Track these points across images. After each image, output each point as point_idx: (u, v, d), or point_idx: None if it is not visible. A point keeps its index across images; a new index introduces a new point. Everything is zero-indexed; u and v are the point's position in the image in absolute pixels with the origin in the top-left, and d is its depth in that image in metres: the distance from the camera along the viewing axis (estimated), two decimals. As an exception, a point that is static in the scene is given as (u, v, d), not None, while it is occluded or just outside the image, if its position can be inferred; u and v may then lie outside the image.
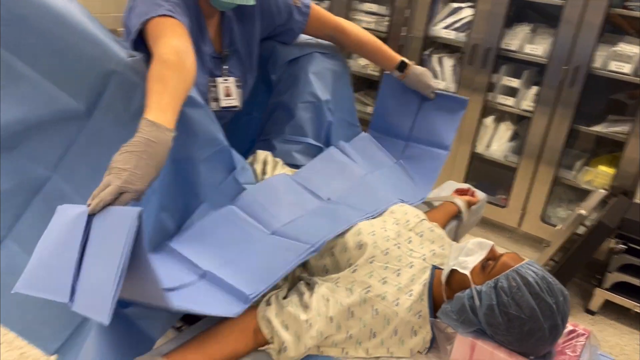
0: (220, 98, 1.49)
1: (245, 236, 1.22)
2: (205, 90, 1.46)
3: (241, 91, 1.55)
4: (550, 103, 2.80)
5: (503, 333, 1.00)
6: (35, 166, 1.20)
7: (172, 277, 1.03)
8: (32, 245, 1.21)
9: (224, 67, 1.50)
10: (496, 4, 2.83)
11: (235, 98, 1.52)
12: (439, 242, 1.25)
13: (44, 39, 1.10)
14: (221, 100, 1.49)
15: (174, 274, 1.06)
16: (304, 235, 1.19)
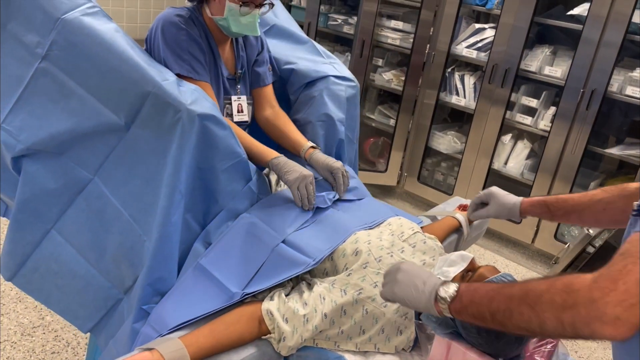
0: (234, 114, 1.67)
1: (263, 248, 1.38)
2: (221, 107, 1.64)
3: (251, 107, 1.74)
4: (566, 124, 2.88)
5: (475, 335, 1.12)
6: (80, 170, 1.39)
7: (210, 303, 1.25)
8: (74, 237, 1.41)
9: (237, 87, 1.69)
10: (518, 26, 2.93)
11: (246, 114, 1.71)
12: (430, 253, 1.38)
13: (93, 62, 1.29)
14: (234, 115, 1.67)
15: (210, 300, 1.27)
16: (308, 247, 1.35)
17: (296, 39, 1.92)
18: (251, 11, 1.53)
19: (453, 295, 0.95)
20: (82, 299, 1.45)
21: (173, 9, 1.56)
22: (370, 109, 3.82)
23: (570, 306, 0.75)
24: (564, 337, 0.80)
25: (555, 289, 0.78)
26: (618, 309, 0.70)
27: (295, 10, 4.03)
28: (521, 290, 0.84)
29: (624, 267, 0.73)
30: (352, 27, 3.68)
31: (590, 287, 0.74)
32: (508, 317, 0.85)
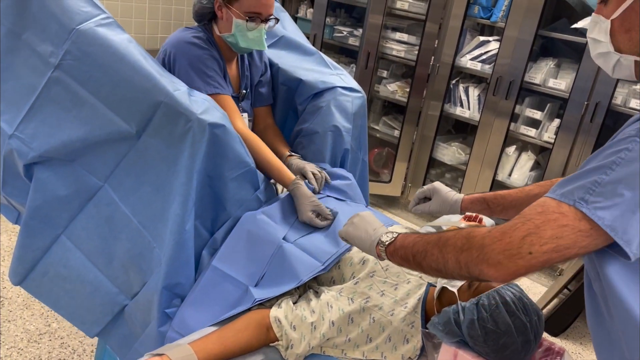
0: None
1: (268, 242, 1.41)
2: None
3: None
4: (571, 136, 2.89)
5: (481, 344, 1.13)
6: (91, 177, 1.41)
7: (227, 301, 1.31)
8: (83, 243, 1.43)
9: (240, 105, 1.74)
10: (522, 39, 2.95)
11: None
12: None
13: (106, 72, 1.31)
14: None
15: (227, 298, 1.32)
16: (316, 250, 1.37)
17: (304, 51, 1.95)
18: (257, 26, 1.58)
19: (391, 240, 1.11)
20: (89, 303, 1.46)
21: (186, 32, 1.61)
22: (375, 120, 3.84)
23: (467, 249, 0.89)
24: (461, 276, 0.94)
25: (459, 235, 0.93)
26: (501, 256, 0.84)
27: (301, 22, 4.07)
28: (437, 237, 0.98)
29: (514, 224, 0.85)
30: (357, 39, 3.71)
31: (484, 235, 0.88)
32: (423, 258, 1.00)
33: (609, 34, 0.95)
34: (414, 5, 3.41)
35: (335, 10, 3.98)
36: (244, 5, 1.55)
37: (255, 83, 1.83)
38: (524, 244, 0.82)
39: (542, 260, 0.82)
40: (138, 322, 1.42)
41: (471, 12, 3.18)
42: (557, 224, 0.82)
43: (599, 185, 0.81)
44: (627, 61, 0.94)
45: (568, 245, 0.82)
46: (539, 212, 0.84)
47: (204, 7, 1.63)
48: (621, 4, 0.91)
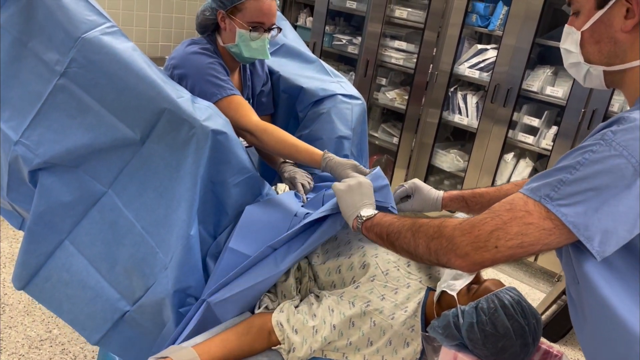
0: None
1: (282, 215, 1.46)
2: None
3: None
4: (568, 143, 2.92)
5: (480, 347, 1.15)
6: (95, 183, 1.42)
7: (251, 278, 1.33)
8: (86, 248, 1.45)
9: None
10: (519, 47, 2.99)
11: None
12: (436, 267, 1.41)
13: (110, 79, 1.33)
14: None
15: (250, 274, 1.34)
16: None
17: (305, 59, 1.97)
18: (261, 35, 1.61)
19: (370, 216, 1.18)
20: (90, 309, 1.47)
21: (191, 42, 1.64)
22: (374, 127, 3.87)
23: (437, 237, 0.95)
24: (430, 262, 1.00)
25: (432, 223, 0.98)
26: (469, 247, 0.90)
27: (300, 30, 4.11)
28: (412, 221, 1.05)
29: (484, 219, 0.90)
30: (356, 47, 3.75)
31: (455, 226, 0.94)
32: (396, 238, 1.06)
33: (579, 45, 0.98)
34: (412, 14, 3.44)
35: (335, 19, 4.02)
36: (247, 15, 1.58)
37: (258, 92, 1.85)
38: (491, 238, 0.88)
39: (506, 254, 0.88)
40: (148, 323, 1.43)
41: (469, 21, 3.21)
42: (523, 221, 0.87)
43: (564, 184, 0.85)
44: (596, 71, 0.98)
45: (532, 242, 0.87)
46: (507, 209, 0.89)
47: (207, 19, 1.65)
48: (591, 16, 0.95)
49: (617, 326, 0.84)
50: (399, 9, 3.49)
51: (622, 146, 0.81)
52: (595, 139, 0.85)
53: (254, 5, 1.57)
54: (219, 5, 1.60)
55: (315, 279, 1.44)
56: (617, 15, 0.92)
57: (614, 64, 0.95)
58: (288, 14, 4.24)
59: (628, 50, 0.93)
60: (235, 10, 1.59)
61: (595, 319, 0.89)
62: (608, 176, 0.82)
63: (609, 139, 0.83)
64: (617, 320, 0.84)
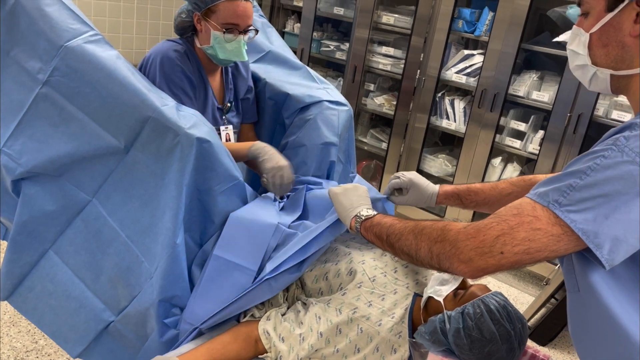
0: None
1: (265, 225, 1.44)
2: None
3: (236, 136, 1.84)
4: (555, 147, 2.94)
5: (467, 353, 1.15)
6: (79, 192, 1.41)
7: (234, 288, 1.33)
8: (70, 258, 1.43)
9: (224, 117, 1.78)
10: (505, 52, 3.01)
11: (233, 142, 1.79)
12: (422, 273, 1.41)
13: (94, 88, 1.32)
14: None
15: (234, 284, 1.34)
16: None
17: (291, 65, 1.97)
18: (236, 37, 1.62)
19: (369, 216, 1.17)
20: (73, 321, 1.46)
21: (170, 43, 1.65)
22: (363, 133, 3.88)
23: (441, 240, 0.92)
24: (431, 266, 0.96)
25: (436, 226, 0.95)
26: (472, 252, 0.87)
27: (288, 36, 4.12)
28: (414, 223, 1.02)
29: (489, 223, 0.87)
30: (344, 53, 3.76)
31: (459, 231, 0.90)
32: (397, 240, 1.04)
33: (587, 47, 0.96)
34: (399, 20, 3.46)
35: (322, 25, 4.04)
36: (221, 17, 1.59)
37: (242, 96, 1.85)
38: (496, 244, 0.85)
39: (512, 260, 0.85)
40: (132, 335, 1.42)
41: (455, 26, 3.23)
42: (531, 226, 0.84)
43: (573, 189, 0.82)
44: (603, 74, 0.96)
45: (539, 249, 0.84)
46: (514, 214, 0.86)
47: (184, 21, 1.67)
48: (600, 18, 0.93)
49: (619, 336, 0.83)
50: (386, 15, 3.51)
51: (634, 152, 0.80)
52: (607, 144, 0.83)
53: (228, 7, 1.58)
54: (194, 7, 1.62)
55: (303, 286, 1.43)
56: (627, 19, 0.90)
57: (620, 68, 0.93)
58: (276, 20, 4.25)
59: (635, 55, 0.91)
60: (209, 12, 1.60)
61: (597, 328, 0.88)
62: (620, 182, 0.79)
63: (621, 145, 0.81)
64: (620, 330, 0.83)
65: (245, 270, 1.34)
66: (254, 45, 2.01)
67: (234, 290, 1.30)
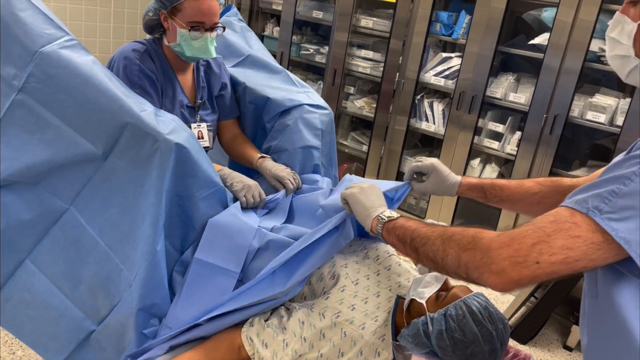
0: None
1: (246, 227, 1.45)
2: None
3: (211, 134, 1.83)
4: (532, 148, 2.99)
5: (450, 354, 1.15)
6: (56, 200, 1.39)
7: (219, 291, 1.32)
8: (48, 267, 1.41)
9: (198, 115, 1.78)
10: (482, 55, 3.05)
11: (206, 140, 1.80)
12: (405, 275, 1.42)
13: (70, 94, 1.30)
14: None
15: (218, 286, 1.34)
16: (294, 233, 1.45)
17: (271, 69, 1.97)
18: (202, 35, 1.62)
19: (392, 217, 1.12)
20: (53, 330, 1.43)
21: (132, 43, 1.66)
22: (343, 136, 3.89)
23: (471, 248, 0.85)
24: (457, 275, 0.89)
25: (466, 233, 0.89)
26: (506, 262, 0.80)
27: (267, 40, 4.11)
28: (443, 228, 0.97)
29: (524, 231, 0.81)
30: (324, 57, 3.77)
31: (492, 239, 0.84)
32: (422, 244, 0.98)
33: (632, 38, 0.90)
34: (378, 23, 3.48)
35: (302, 29, 4.04)
36: (187, 15, 1.60)
37: (216, 93, 1.85)
38: (532, 252, 0.78)
39: (547, 271, 0.78)
40: (110, 348, 1.39)
41: (433, 30, 3.27)
42: (569, 233, 0.78)
43: (616, 196, 0.77)
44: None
45: (577, 257, 0.78)
46: (550, 221, 0.80)
47: (152, 20, 1.68)
48: None
49: (632, 349, 0.81)
50: (365, 18, 3.53)
51: None
52: None
53: (193, 5, 1.59)
54: (160, 6, 1.63)
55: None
56: None
57: None
58: (255, 24, 4.24)
59: None
60: (175, 10, 1.61)
61: (610, 337, 0.85)
62: None
63: None
64: (634, 343, 0.80)
65: (227, 273, 1.34)
66: (233, 50, 2.01)
67: (217, 293, 1.29)
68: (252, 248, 1.39)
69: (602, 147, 3.06)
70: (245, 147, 1.86)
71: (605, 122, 2.76)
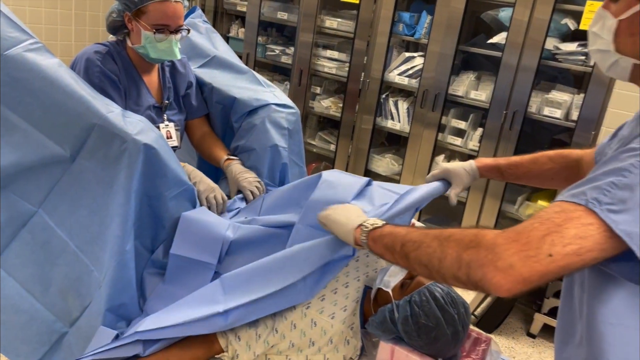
0: None
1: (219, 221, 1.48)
2: None
3: (179, 133, 1.86)
4: (493, 143, 3.09)
5: (415, 339, 1.21)
6: (23, 203, 1.39)
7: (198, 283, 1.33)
8: (17, 271, 1.40)
9: (165, 115, 1.80)
10: (444, 54, 3.13)
11: (175, 139, 1.82)
12: (372, 265, 1.47)
13: (36, 97, 1.31)
14: None
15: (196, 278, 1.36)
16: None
17: (237, 70, 2.00)
18: (167, 37, 1.64)
19: (377, 225, 1.04)
20: (24, 334, 1.43)
21: (94, 45, 1.67)
22: (311, 135, 3.93)
23: (474, 246, 0.79)
24: (456, 279, 0.82)
25: (467, 232, 0.83)
26: (515, 257, 0.73)
27: (233, 41, 4.13)
28: (439, 230, 0.89)
29: (530, 225, 0.76)
30: (289, 57, 3.80)
31: (497, 234, 0.78)
32: (415, 249, 0.90)
33: (613, 33, 0.91)
34: (342, 24, 3.54)
35: (267, 30, 4.07)
36: (151, 18, 1.61)
37: (183, 93, 1.87)
38: (543, 245, 0.73)
39: (561, 264, 0.72)
40: (77, 351, 1.40)
41: (396, 30, 3.34)
42: (581, 222, 0.74)
43: (616, 187, 0.75)
44: (625, 63, 0.92)
45: (590, 247, 0.74)
46: (557, 212, 0.76)
47: (115, 21, 1.68)
48: (632, 5, 0.88)
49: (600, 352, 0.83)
50: (329, 19, 3.58)
51: None
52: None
53: (158, 8, 1.60)
54: (125, 7, 1.63)
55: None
56: None
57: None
58: (220, 25, 4.25)
59: None
60: (139, 12, 1.62)
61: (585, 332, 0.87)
62: None
63: None
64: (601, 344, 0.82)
65: (204, 265, 1.37)
66: (198, 51, 2.03)
67: (195, 287, 1.31)
68: (227, 239, 1.41)
69: (559, 141, 3.19)
70: (214, 146, 1.88)
71: (561, 117, 2.88)
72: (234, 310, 1.19)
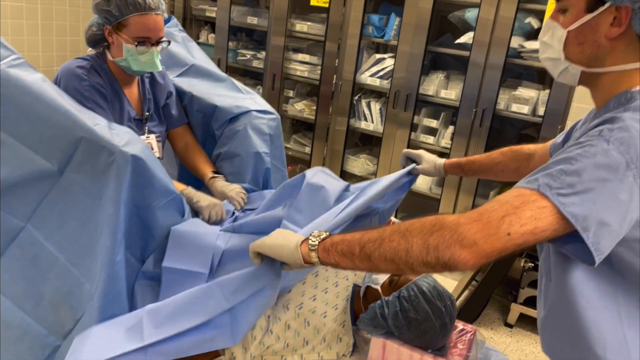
0: None
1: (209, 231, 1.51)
2: None
3: (161, 144, 1.87)
4: (464, 141, 3.18)
5: (405, 332, 1.27)
6: (11, 218, 1.38)
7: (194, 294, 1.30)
8: (7, 287, 1.40)
9: (145, 127, 1.82)
10: (413, 54, 3.21)
11: (156, 151, 1.83)
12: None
13: (22, 112, 1.31)
14: None
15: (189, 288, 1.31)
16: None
17: (215, 77, 2.02)
18: (148, 49, 1.66)
19: (324, 237, 1.01)
20: (16, 349, 1.42)
21: (74, 60, 1.67)
22: (286, 139, 3.96)
23: (437, 229, 0.85)
24: (426, 264, 0.86)
25: (427, 220, 0.89)
26: (478, 235, 0.81)
27: (203, 47, 4.08)
28: (396, 226, 0.93)
29: (491, 207, 0.85)
30: (261, 62, 3.83)
31: (459, 216, 0.86)
32: (377, 247, 0.91)
33: (562, 42, 0.99)
34: (312, 27, 3.59)
35: (237, 34, 4.08)
36: (132, 30, 1.62)
37: (163, 104, 1.89)
38: (502, 224, 0.81)
39: (518, 242, 0.82)
40: None
41: (366, 32, 3.40)
42: (536, 205, 0.83)
43: (564, 173, 0.84)
44: (574, 70, 1.01)
45: (544, 228, 0.83)
46: (515, 196, 0.85)
47: (95, 34, 1.69)
48: (579, 17, 0.96)
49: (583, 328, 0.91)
50: (300, 23, 3.62)
51: (618, 142, 0.84)
52: (593, 134, 0.87)
53: (139, 21, 1.61)
54: (105, 21, 1.64)
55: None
56: (605, 21, 0.94)
57: (593, 66, 0.98)
58: (189, 31, 4.23)
59: (608, 55, 0.96)
60: (120, 25, 1.63)
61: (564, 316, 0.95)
62: (606, 170, 0.82)
63: (606, 136, 0.85)
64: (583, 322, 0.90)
65: (196, 275, 1.38)
66: (176, 60, 2.04)
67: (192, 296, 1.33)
68: (218, 249, 1.44)
69: (527, 136, 3.30)
70: (198, 159, 1.90)
71: (528, 113, 2.99)
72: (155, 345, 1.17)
